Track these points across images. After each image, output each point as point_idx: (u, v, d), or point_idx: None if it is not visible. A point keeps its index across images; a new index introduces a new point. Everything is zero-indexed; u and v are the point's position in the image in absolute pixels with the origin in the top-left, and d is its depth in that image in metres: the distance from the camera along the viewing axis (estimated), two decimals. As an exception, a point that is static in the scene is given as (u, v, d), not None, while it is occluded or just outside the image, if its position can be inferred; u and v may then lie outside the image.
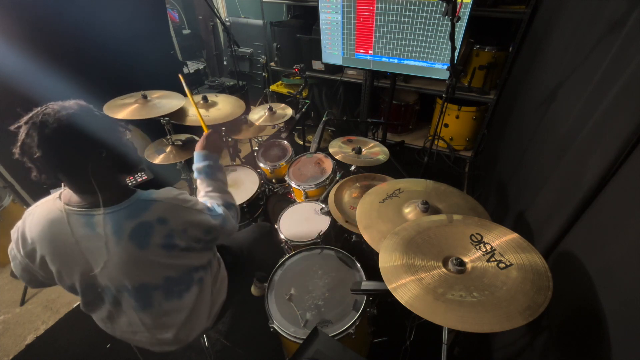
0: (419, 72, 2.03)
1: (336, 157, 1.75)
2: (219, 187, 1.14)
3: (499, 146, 2.08)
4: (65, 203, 0.87)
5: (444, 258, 0.87)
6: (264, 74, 3.41)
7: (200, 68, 3.32)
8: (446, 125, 2.74)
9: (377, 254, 0.93)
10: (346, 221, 1.48)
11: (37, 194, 2.02)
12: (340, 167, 1.90)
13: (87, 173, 0.82)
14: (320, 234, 1.52)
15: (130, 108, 1.67)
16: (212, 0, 3.00)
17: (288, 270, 1.36)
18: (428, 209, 1.16)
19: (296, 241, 1.53)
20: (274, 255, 1.50)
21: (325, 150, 1.94)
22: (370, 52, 2.12)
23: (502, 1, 2.11)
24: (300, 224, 1.64)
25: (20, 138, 0.77)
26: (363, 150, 1.81)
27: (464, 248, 0.90)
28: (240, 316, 1.76)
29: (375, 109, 3.08)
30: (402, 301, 0.77)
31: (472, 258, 0.86)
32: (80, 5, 1.82)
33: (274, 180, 2.11)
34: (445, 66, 1.60)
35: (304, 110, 2.21)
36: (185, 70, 3.09)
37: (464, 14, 1.66)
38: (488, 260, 0.84)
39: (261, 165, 2.06)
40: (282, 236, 1.57)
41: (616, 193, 0.76)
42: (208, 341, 1.40)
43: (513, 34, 2.18)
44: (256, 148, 2.22)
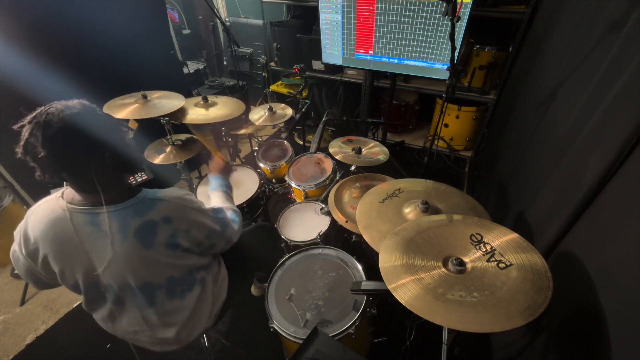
0: (419, 72, 2.03)
1: (336, 157, 1.75)
2: (230, 200, 1.29)
3: (499, 146, 2.08)
4: (68, 202, 0.87)
5: (444, 258, 0.87)
6: (264, 74, 3.41)
7: (200, 68, 3.32)
8: (446, 125, 2.74)
9: (377, 254, 0.93)
10: (346, 221, 1.48)
11: (37, 194, 2.02)
12: (340, 167, 1.90)
13: (91, 172, 0.82)
14: (320, 234, 1.52)
15: (130, 108, 1.67)
16: (212, 0, 3.00)
17: (288, 270, 1.36)
18: (428, 209, 1.16)
19: (296, 241, 1.53)
20: (274, 255, 1.50)
21: (325, 150, 1.94)
22: (370, 52, 2.12)
23: (502, 1, 2.11)
24: (300, 224, 1.64)
25: (23, 137, 0.77)
26: (363, 150, 1.81)
27: (464, 248, 0.90)
28: (240, 316, 1.76)
29: (375, 109, 3.08)
30: (402, 301, 0.77)
31: (472, 258, 0.86)
32: (80, 5, 1.82)
33: (274, 180, 2.11)
34: (445, 66, 1.60)
35: (304, 110, 2.21)
36: (185, 70, 3.09)
37: (464, 14, 1.66)
38: (488, 260, 0.84)
39: (261, 165, 2.06)
40: (282, 236, 1.57)
41: (616, 193, 0.76)
42: (208, 341, 1.40)
43: (513, 34, 2.18)
44: (256, 148, 2.22)
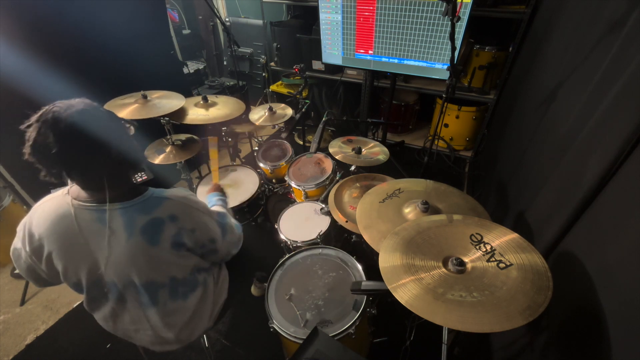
0: (419, 72, 2.03)
1: (336, 157, 1.75)
2: (229, 212, 1.29)
3: (499, 146, 2.08)
4: (74, 198, 0.88)
5: (444, 258, 0.87)
6: (264, 74, 3.41)
7: (200, 68, 3.32)
8: (446, 125, 2.74)
9: (377, 254, 0.93)
10: (346, 221, 1.48)
11: (37, 194, 2.01)
12: (340, 167, 1.90)
13: (99, 169, 0.82)
14: (320, 234, 1.52)
15: (130, 108, 1.67)
16: (212, 0, 3.00)
17: (288, 270, 1.36)
18: (428, 209, 1.16)
19: (296, 241, 1.53)
20: (274, 255, 1.50)
21: (325, 150, 1.94)
22: (370, 52, 2.12)
23: (502, 1, 2.11)
24: (300, 224, 1.64)
25: (30, 137, 0.76)
26: (363, 150, 1.81)
27: (464, 248, 0.90)
28: (240, 316, 1.76)
29: (375, 109, 3.08)
30: (402, 301, 0.77)
31: (472, 258, 0.86)
32: (80, 5, 1.82)
33: (274, 180, 2.11)
34: (445, 66, 1.60)
35: (304, 110, 2.21)
36: (185, 70, 3.09)
37: (464, 14, 1.66)
38: (488, 260, 0.84)
39: (261, 165, 2.06)
40: (282, 236, 1.57)
41: (616, 193, 0.76)
42: (208, 341, 1.40)
43: (513, 34, 2.18)
44: (256, 148, 2.22)
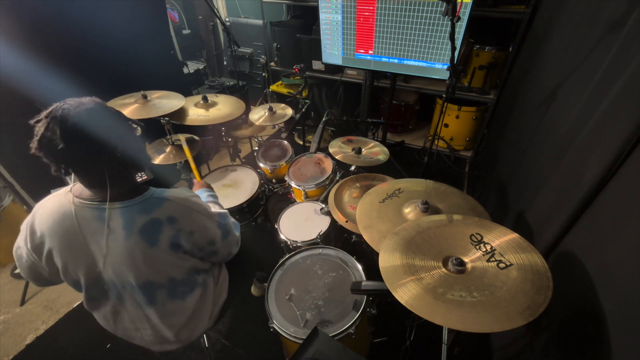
0: (419, 72, 2.03)
1: (336, 157, 1.75)
2: (222, 208, 1.26)
3: (499, 146, 2.08)
4: (76, 196, 0.88)
5: (444, 258, 0.87)
6: (264, 74, 3.41)
7: (200, 68, 3.32)
8: (446, 125, 2.74)
9: (377, 254, 0.93)
10: (346, 221, 1.48)
11: (37, 194, 2.02)
12: (340, 167, 1.90)
13: (103, 167, 0.83)
14: (320, 234, 1.52)
15: (130, 108, 1.67)
16: (212, 0, 3.00)
17: (288, 270, 1.36)
18: (428, 209, 1.16)
19: (296, 241, 1.53)
20: (274, 255, 1.50)
21: (325, 150, 1.94)
22: (370, 52, 2.12)
23: (502, 1, 2.11)
24: (300, 224, 1.64)
25: (38, 132, 0.77)
26: (363, 150, 1.81)
27: (464, 248, 0.90)
28: (240, 316, 1.76)
29: (375, 109, 3.08)
30: (402, 301, 0.77)
31: (472, 258, 0.86)
32: (80, 5, 1.82)
33: (274, 180, 2.11)
34: (445, 66, 1.60)
35: (304, 110, 2.21)
36: (185, 70, 3.09)
37: (464, 14, 1.66)
38: (488, 260, 0.84)
39: (261, 165, 2.06)
40: (282, 236, 1.57)
41: (616, 193, 0.76)
42: (208, 341, 1.40)
43: (513, 34, 2.18)
44: (256, 148, 2.22)
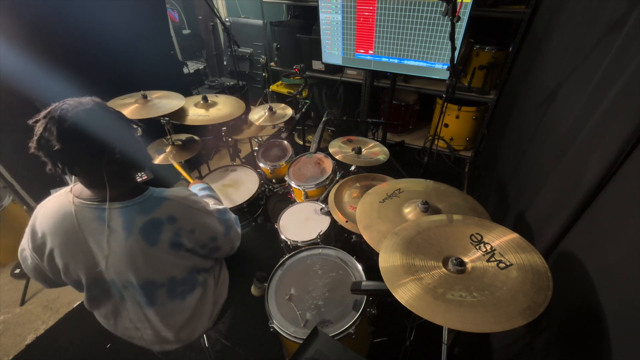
0: (419, 72, 2.02)
1: (336, 157, 1.75)
2: (220, 201, 1.28)
3: (499, 146, 2.08)
4: (76, 196, 0.88)
5: (444, 258, 0.87)
6: (264, 74, 3.41)
7: (200, 68, 3.32)
8: (446, 125, 2.74)
9: (377, 254, 0.93)
10: (346, 221, 1.48)
11: (37, 194, 2.03)
12: (340, 167, 1.90)
13: (102, 167, 0.83)
14: (320, 234, 1.52)
15: (130, 108, 1.67)
16: (212, 0, 3.00)
17: (288, 270, 1.36)
18: (428, 209, 1.16)
19: (296, 241, 1.53)
20: (274, 255, 1.50)
21: (325, 150, 1.94)
22: (370, 52, 2.12)
23: (502, 1, 2.11)
24: (300, 224, 1.64)
25: (37, 132, 0.78)
26: (363, 150, 1.81)
27: (464, 248, 0.90)
28: (240, 316, 1.76)
29: (375, 109, 3.08)
30: (402, 301, 0.77)
31: (472, 258, 0.86)
32: (80, 5, 1.82)
33: (274, 180, 2.11)
34: (445, 66, 1.60)
35: (304, 110, 2.21)
36: (185, 70, 3.09)
37: (464, 14, 1.66)
38: (488, 260, 0.84)
39: (261, 165, 2.06)
40: (282, 236, 1.57)
41: (616, 193, 0.76)
42: (208, 341, 1.40)
43: (513, 34, 2.18)
44: (256, 148, 2.22)
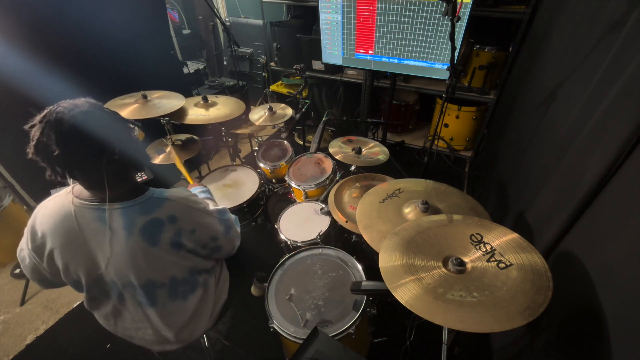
0: (419, 72, 2.02)
1: (336, 157, 1.75)
2: (216, 204, 1.25)
3: (499, 146, 2.08)
4: (76, 196, 0.88)
5: (444, 258, 0.87)
6: (264, 74, 3.41)
7: (200, 68, 3.32)
8: (446, 125, 2.74)
9: (377, 254, 0.93)
10: (346, 221, 1.48)
11: (37, 194, 2.03)
12: (340, 167, 1.90)
13: (102, 169, 0.82)
14: (320, 234, 1.52)
15: (130, 108, 1.67)
16: (212, 0, 3.00)
17: (288, 270, 1.36)
18: (428, 209, 1.16)
19: (296, 241, 1.53)
20: (274, 255, 1.50)
21: (325, 150, 1.94)
22: (370, 52, 2.12)
23: (502, 1, 2.11)
24: (300, 224, 1.64)
25: (34, 137, 0.77)
26: (363, 150, 1.81)
27: (464, 248, 0.90)
28: (240, 316, 1.76)
29: (375, 109, 3.08)
30: (402, 301, 0.77)
31: (472, 258, 0.86)
32: (80, 5, 1.82)
33: (274, 180, 2.11)
34: (445, 66, 1.60)
35: (304, 110, 2.21)
36: (185, 70, 3.09)
37: (464, 14, 1.66)
38: (488, 260, 0.84)
39: (261, 165, 2.06)
40: (282, 236, 1.57)
41: (616, 193, 0.76)
42: (208, 341, 1.40)
43: (513, 34, 2.18)
44: (256, 148, 2.22)
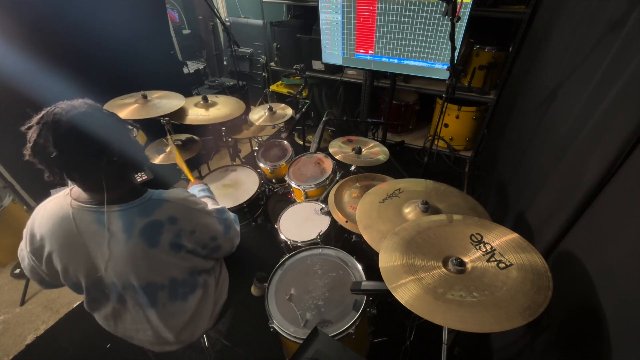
0: (419, 72, 2.02)
1: (336, 157, 1.75)
2: (217, 202, 1.25)
3: (499, 146, 2.08)
4: (74, 199, 0.88)
5: (444, 258, 0.87)
6: (264, 74, 3.41)
7: (200, 68, 3.32)
8: (446, 125, 2.74)
9: (377, 254, 0.93)
10: (346, 221, 1.48)
11: (37, 194, 2.03)
12: (340, 167, 1.90)
13: (100, 171, 0.82)
14: (320, 234, 1.52)
15: (130, 108, 1.67)
16: (212, 0, 3.00)
17: (288, 270, 1.36)
18: (428, 209, 1.16)
19: (296, 241, 1.53)
20: (274, 255, 1.50)
21: (325, 150, 1.94)
22: (370, 52, 2.12)
23: (502, 1, 2.11)
24: (300, 224, 1.64)
25: (31, 139, 0.76)
26: (363, 150, 1.81)
27: (464, 248, 0.90)
28: (240, 316, 1.76)
29: (375, 109, 3.08)
30: (402, 301, 0.77)
31: (472, 258, 0.86)
32: (80, 5, 1.82)
33: (274, 180, 2.11)
34: (445, 66, 1.60)
35: (304, 110, 2.21)
36: (185, 70, 3.09)
37: (464, 14, 1.66)
38: (488, 260, 0.84)
39: (261, 165, 2.06)
40: (282, 236, 1.57)
41: (616, 193, 0.76)
42: (208, 341, 1.40)
43: (513, 34, 2.18)
44: (256, 148, 2.22)
